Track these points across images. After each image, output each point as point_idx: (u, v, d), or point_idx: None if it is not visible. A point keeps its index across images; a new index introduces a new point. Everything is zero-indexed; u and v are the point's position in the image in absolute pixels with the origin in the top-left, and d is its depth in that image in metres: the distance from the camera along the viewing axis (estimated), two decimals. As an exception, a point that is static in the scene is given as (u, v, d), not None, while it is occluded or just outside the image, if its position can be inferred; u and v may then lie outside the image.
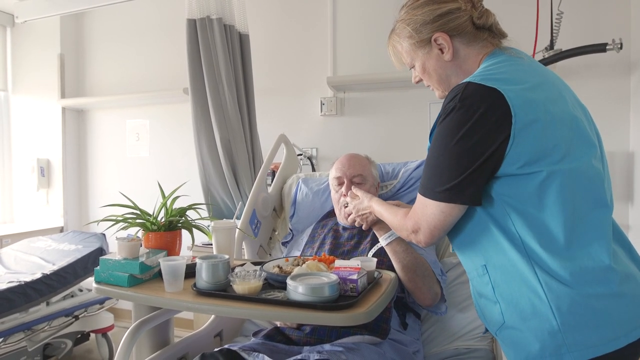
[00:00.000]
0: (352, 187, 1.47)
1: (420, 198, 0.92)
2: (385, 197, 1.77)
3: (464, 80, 0.87)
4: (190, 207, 1.40)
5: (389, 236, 1.32)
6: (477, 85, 0.84)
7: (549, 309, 0.80)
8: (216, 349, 1.17)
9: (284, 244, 1.84)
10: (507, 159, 0.82)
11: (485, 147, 0.81)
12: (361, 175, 1.58)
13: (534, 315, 0.82)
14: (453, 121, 0.84)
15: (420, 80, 1.05)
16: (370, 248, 1.40)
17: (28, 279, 2.09)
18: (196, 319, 2.33)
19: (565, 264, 0.80)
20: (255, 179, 1.98)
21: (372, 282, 1.08)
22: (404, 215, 1.00)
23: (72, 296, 2.35)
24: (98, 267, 1.19)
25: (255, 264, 1.26)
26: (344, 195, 1.54)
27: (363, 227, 1.43)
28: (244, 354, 1.14)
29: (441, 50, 0.97)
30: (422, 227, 0.91)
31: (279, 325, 1.37)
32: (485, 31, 0.97)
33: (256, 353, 1.14)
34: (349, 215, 1.46)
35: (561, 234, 0.81)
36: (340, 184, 1.59)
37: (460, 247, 0.97)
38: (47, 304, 2.19)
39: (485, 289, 0.92)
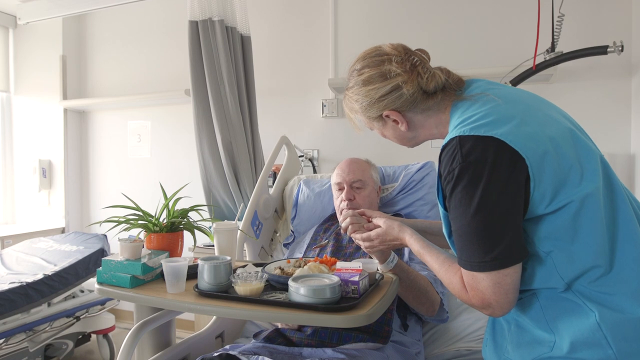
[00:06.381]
0: (368, 213, 1.22)
1: (468, 273, 0.81)
2: (385, 200, 1.77)
3: (451, 136, 0.82)
4: (192, 209, 1.40)
5: (391, 261, 1.19)
6: (470, 137, 0.78)
7: (603, 337, 0.76)
8: (216, 353, 1.17)
9: (286, 245, 1.84)
10: (534, 200, 0.78)
11: (510, 196, 0.77)
12: (361, 180, 1.59)
13: (587, 346, 0.78)
14: (466, 183, 0.78)
15: None
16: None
17: (29, 279, 2.09)
18: (197, 320, 2.33)
19: (612, 290, 0.78)
20: (256, 181, 1.98)
21: (374, 284, 1.08)
22: (462, 279, 0.85)
23: (74, 297, 2.35)
24: (100, 268, 1.19)
25: (256, 265, 1.26)
26: (344, 200, 1.56)
27: (367, 252, 1.19)
28: (243, 358, 1.13)
29: (396, 122, 0.95)
30: (493, 303, 0.80)
31: (279, 327, 1.37)
32: (439, 92, 0.91)
33: (256, 356, 1.14)
34: (346, 228, 1.20)
35: (601, 259, 0.78)
36: (341, 189, 1.60)
37: None
38: (49, 304, 2.19)
39: (535, 314, 0.85)
